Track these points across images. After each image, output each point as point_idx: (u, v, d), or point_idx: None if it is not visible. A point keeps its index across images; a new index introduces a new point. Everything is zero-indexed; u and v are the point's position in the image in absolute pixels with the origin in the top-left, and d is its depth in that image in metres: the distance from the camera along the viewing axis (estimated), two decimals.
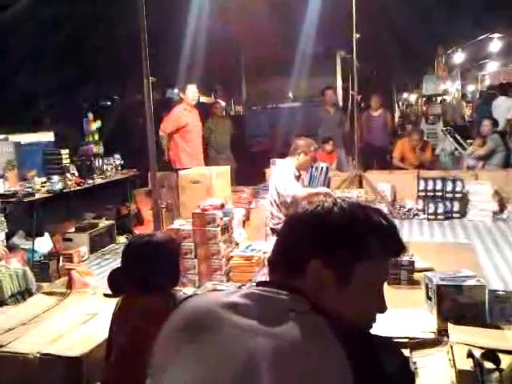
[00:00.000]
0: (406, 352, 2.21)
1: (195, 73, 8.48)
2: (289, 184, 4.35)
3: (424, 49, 12.25)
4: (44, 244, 5.44)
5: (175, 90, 9.57)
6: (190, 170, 5.63)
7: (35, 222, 5.19)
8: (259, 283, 1.00)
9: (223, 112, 9.46)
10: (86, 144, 6.50)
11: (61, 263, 4.63)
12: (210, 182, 5.05)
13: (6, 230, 4.72)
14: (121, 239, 6.51)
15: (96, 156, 6.40)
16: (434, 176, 7.13)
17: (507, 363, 1.93)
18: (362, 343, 0.90)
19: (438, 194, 7.00)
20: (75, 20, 7.44)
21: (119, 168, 6.79)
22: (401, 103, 19.02)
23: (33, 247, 5.12)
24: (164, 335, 0.98)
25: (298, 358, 0.85)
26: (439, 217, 6.88)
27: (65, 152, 6.15)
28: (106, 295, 3.28)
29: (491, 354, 1.93)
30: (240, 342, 0.88)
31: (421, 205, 7.09)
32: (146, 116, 4.30)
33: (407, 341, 2.31)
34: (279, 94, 10.57)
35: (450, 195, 6.94)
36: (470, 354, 1.96)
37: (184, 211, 4.98)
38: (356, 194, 6.79)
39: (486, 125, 7.84)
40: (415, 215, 7.01)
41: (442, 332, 2.37)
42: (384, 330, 1.93)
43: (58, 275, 4.45)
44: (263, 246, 4.07)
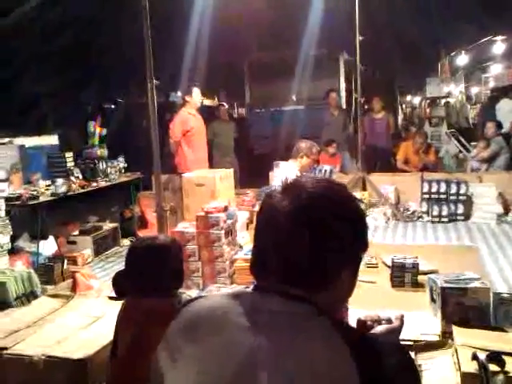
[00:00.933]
0: (411, 355, 2.20)
1: (199, 76, 8.50)
2: None
3: (427, 51, 12.23)
4: (48, 247, 5.46)
5: (178, 93, 9.58)
6: (194, 173, 5.63)
7: (39, 225, 5.20)
8: (260, 286, 1.00)
9: (226, 115, 9.47)
10: (90, 147, 6.52)
11: (65, 266, 4.63)
12: (213, 185, 5.05)
13: (11, 233, 4.73)
14: (125, 242, 6.51)
15: (100, 159, 6.42)
16: (438, 178, 7.10)
17: None
18: (368, 344, 0.90)
19: (442, 197, 6.96)
20: (79, 23, 7.47)
21: (123, 171, 6.82)
22: (404, 106, 18.99)
23: (37, 250, 5.14)
24: (168, 337, 0.99)
25: (302, 359, 0.85)
26: (443, 219, 6.85)
27: (69, 155, 6.18)
28: (110, 298, 3.29)
29: (496, 357, 1.93)
30: (243, 343, 0.89)
31: (425, 207, 7.06)
32: (149, 118, 4.31)
33: (412, 343, 2.31)
34: (282, 97, 10.56)
35: (454, 197, 6.92)
36: (475, 357, 1.96)
37: (188, 214, 4.98)
38: (360, 196, 6.78)
39: (489, 127, 7.83)
40: (419, 217, 6.98)
41: (447, 334, 2.37)
42: None
43: (62, 278, 4.46)
44: None
